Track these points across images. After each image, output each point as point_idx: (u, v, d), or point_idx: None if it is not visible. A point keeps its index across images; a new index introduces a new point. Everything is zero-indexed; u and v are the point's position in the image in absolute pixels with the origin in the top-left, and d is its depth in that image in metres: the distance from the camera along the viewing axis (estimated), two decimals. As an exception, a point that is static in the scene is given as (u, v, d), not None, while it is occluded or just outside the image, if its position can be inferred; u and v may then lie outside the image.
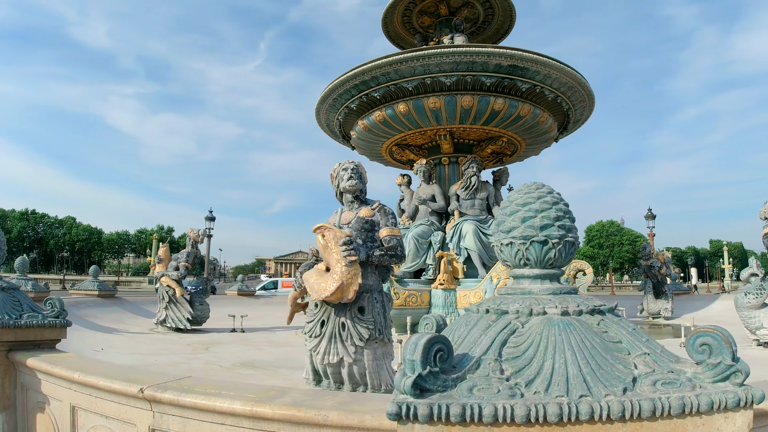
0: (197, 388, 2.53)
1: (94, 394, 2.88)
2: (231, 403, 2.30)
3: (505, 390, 1.40)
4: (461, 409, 1.33)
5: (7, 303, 3.71)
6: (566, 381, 1.42)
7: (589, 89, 10.24)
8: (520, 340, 1.56)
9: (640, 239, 67.57)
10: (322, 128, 12.93)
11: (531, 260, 1.80)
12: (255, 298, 17.02)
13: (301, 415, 2.11)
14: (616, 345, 1.57)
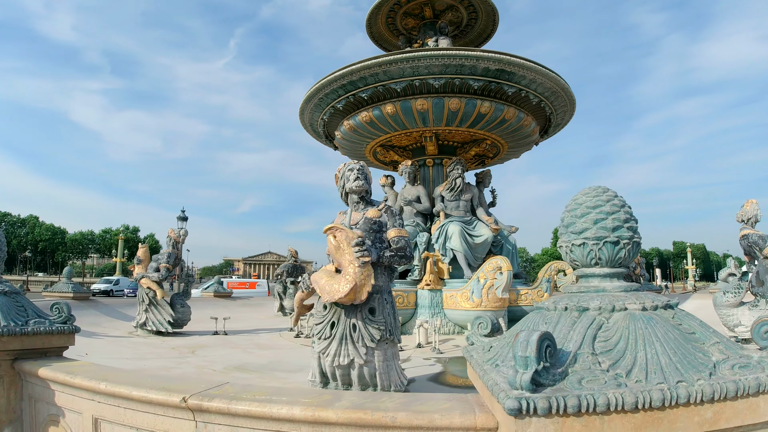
0: (244, 395, 2.49)
1: (123, 405, 2.74)
2: (290, 408, 2.26)
3: (610, 380, 1.51)
4: (577, 400, 1.43)
5: (11, 309, 3.51)
6: (661, 369, 1.55)
7: (572, 94, 10.69)
8: (608, 335, 1.68)
9: (606, 240, 70.13)
10: (304, 127, 12.83)
11: (602, 260, 1.92)
12: (231, 300, 16.72)
13: (368, 418, 2.13)
14: (692, 336, 1.72)
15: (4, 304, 3.50)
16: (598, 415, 1.46)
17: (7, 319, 3.42)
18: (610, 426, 1.47)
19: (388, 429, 2.12)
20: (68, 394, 3.09)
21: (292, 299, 15.19)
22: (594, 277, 1.96)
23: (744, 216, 7.04)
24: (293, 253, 15.81)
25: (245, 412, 2.37)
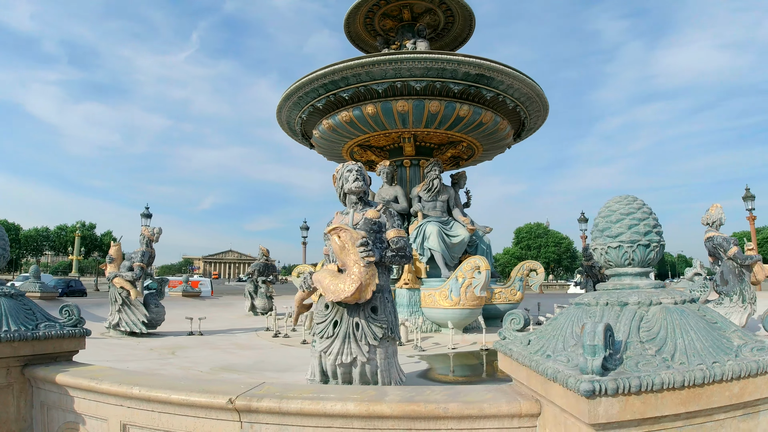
0: (291, 393, 2.58)
1: (158, 410, 2.73)
2: (344, 404, 2.35)
3: (660, 364, 1.79)
4: (638, 381, 1.70)
5: (19, 312, 3.41)
6: (698, 353, 1.85)
7: (546, 100, 11.28)
8: (650, 325, 1.97)
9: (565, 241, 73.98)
10: (281, 125, 12.76)
11: (635, 261, 2.22)
12: (201, 299, 16.37)
13: (422, 410, 2.30)
14: (716, 325, 2.03)
15: (12, 308, 3.39)
16: (653, 393, 1.73)
17: (17, 323, 3.33)
18: (662, 402, 1.74)
19: (440, 419, 2.31)
20: (91, 401, 3.03)
21: (263, 298, 15.07)
22: (627, 275, 2.25)
23: (709, 219, 7.77)
24: (265, 251, 15.65)
25: (298, 410, 2.42)
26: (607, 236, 2.26)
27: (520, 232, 75.32)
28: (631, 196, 2.32)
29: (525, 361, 2.21)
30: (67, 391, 3.14)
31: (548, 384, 2.01)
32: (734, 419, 1.87)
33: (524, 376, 2.30)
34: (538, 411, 2.28)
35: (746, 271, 7.07)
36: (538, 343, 2.28)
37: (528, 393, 2.39)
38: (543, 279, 12.51)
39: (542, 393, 2.10)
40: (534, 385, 2.18)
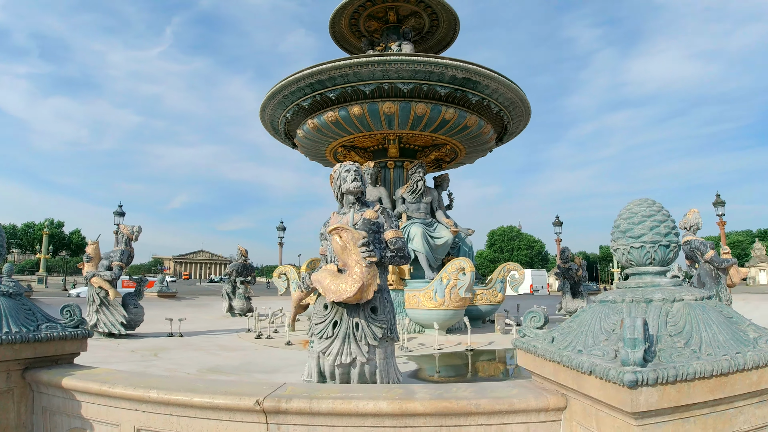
0: (319, 393, 2.59)
1: (177, 413, 2.67)
2: (376, 403, 2.38)
3: (690, 355, 1.94)
4: (675, 371, 1.84)
5: (19, 312, 3.27)
6: (721, 345, 2.01)
7: (528, 105, 11.63)
8: (676, 320, 2.12)
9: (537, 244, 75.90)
10: (263, 124, 12.62)
11: (656, 260, 2.37)
12: (177, 300, 16.02)
13: (454, 406, 2.37)
14: (732, 319, 2.21)
15: (12, 308, 3.25)
16: (686, 382, 1.87)
17: (17, 324, 3.19)
18: (693, 390, 1.89)
19: (471, 415, 2.39)
20: (101, 405, 2.93)
21: (242, 299, 14.84)
22: (648, 274, 2.40)
23: (686, 224, 8.20)
24: (243, 251, 15.42)
25: (329, 410, 2.42)
26: (629, 237, 2.40)
27: (494, 235, 76.75)
28: (650, 199, 2.47)
29: (554, 357, 2.32)
30: (73, 395, 3.04)
31: (581, 377, 2.12)
32: (751, 406, 2.05)
33: (550, 372, 2.41)
34: (564, 405, 2.40)
35: (722, 274, 7.49)
36: (564, 340, 2.39)
37: (551, 388, 2.51)
38: (523, 281, 12.84)
39: (573, 387, 2.22)
40: (563, 380, 2.30)
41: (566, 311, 14.65)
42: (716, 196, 21.26)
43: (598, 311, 2.36)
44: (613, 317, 2.25)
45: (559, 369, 2.32)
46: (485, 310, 12.22)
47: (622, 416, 1.94)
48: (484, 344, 9.44)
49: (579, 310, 2.59)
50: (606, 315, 2.29)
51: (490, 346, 9.30)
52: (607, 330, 2.20)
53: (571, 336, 2.37)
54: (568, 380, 2.25)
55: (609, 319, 2.26)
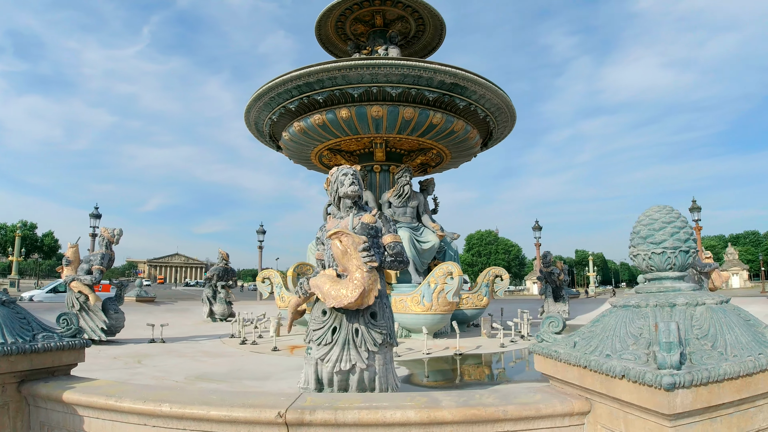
0: (341, 403, 2.55)
1: (191, 427, 2.55)
2: (404, 412, 2.35)
3: (719, 357, 2.01)
4: (707, 373, 1.90)
5: (14, 322, 3.10)
6: (744, 346, 2.10)
7: (514, 111, 11.86)
8: (700, 323, 2.20)
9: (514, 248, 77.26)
10: (248, 126, 12.44)
11: (676, 265, 2.45)
12: (156, 305, 15.62)
13: (482, 413, 2.37)
14: (750, 322, 2.30)
15: (7, 317, 3.08)
16: (717, 383, 1.94)
17: (13, 334, 3.03)
18: (722, 390, 1.97)
19: (498, 422, 2.40)
20: (106, 420, 2.78)
21: (223, 304, 14.54)
22: (668, 279, 2.49)
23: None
24: (224, 255, 15.12)
25: (355, 421, 2.37)
26: (650, 243, 2.48)
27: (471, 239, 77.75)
28: (668, 206, 2.56)
29: (580, 362, 2.37)
30: (75, 410, 2.87)
31: (611, 381, 2.17)
32: None
33: (575, 376, 2.46)
34: (588, 409, 2.45)
35: (705, 278, 7.81)
36: (588, 344, 2.45)
37: (573, 392, 2.55)
38: (508, 285, 13.03)
39: (601, 390, 2.27)
40: (589, 384, 2.35)
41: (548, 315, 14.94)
42: (692, 202, 22.09)
43: (622, 316, 2.43)
44: (638, 321, 2.32)
45: (585, 373, 2.36)
46: (470, 314, 12.34)
47: (655, 418, 2.00)
48: (472, 348, 9.54)
49: (601, 314, 2.65)
50: (631, 319, 2.36)
51: (477, 350, 9.41)
52: (634, 334, 2.26)
53: (595, 340, 2.42)
54: (595, 384, 2.30)
55: (634, 323, 2.32)
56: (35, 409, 3.06)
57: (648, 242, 2.49)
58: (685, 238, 2.43)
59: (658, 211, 2.55)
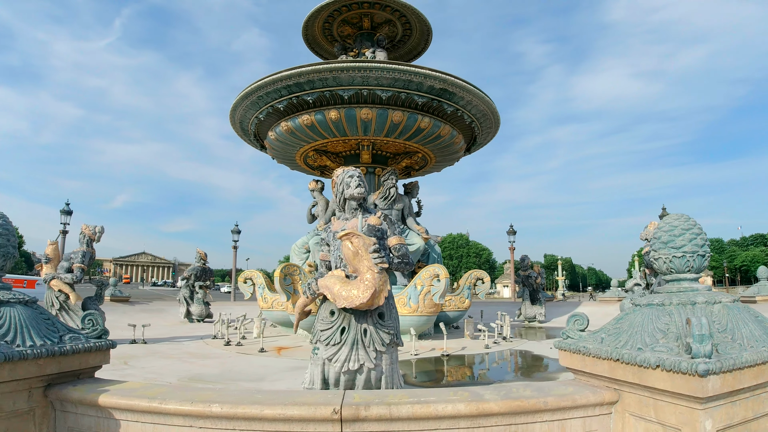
0: (390, 399, 2.66)
1: (241, 427, 2.57)
2: (454, 405, 2.50)
3: (739, 348, 2.31)
4: (733, 361, 2.19)
5: (40, 323, 3.03)
6: (758, 339, 2.41)
7: (499, 118, 12.25)
8: (719, 319, 2.49)
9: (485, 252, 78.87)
10: (232, 124, 12.32)
11: (693, 268, 2.75)
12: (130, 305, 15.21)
13: (526, 404, 2.57)
14: (758, 318, 2.62)
15: (32, 318, 3.02)
16: (739, 370, 2.24)
17: (40, 336, 2.98)
18: (743, 376, 2.26)
19: (539, 412, 2.61)
20: (146, 423, 2.74)
21: (200, 305, 14.31)
22: (686, 280, 2.78)
23: (648, 235, 9.06)
24: (202, 255, 14.86)
25: (409, 415, 2.49)
26: (671, 247, 2.76)
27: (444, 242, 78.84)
28: (685, 215, 2.86)
29: (612, 355, 2.61)
30: (111, 413, 2.82)
31: (644, 372, 2.43)
32: (776, 391, 2.45)
33: (605, 369, 2.70)
34: (616, 399, 2.70)
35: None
36: (617, 340, 2.70)
37: (600, 384, 2.80)
38: (489, 288, 13.43)
39: (633, 381, 2.52)
40: (620, 375, 2.60)
41: (525, 317, 15.46)
42: (662, 209, 23.27)
43: (647, 313, 2.69)
44: (664, 318, 2.58)
45: (616, 366, 2.61)
46: (453, 316, 12.63)
47: (686, 402, 2.26)
48: (458, 349, 9.82)
49: (623, 312, 2.91)
50: (657, 316, 2.62)
51: (463, 352, 9.69)
52: (662, 329, 2.52)
53: (623, 336, 2.68)
54: (627, 375, 2.55)
55: (660, 320, 2.59)
56: (63, 414, 2.99)
57: (669, 247, 2.77)
58: (701, 244, 2.73)
59: (677, 219, 2.83)
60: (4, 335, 2.86)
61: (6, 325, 2.91)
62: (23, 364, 2.81)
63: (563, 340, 3.09)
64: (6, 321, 2.95)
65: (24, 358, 2.79)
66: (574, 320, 3.08)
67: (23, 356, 2.78)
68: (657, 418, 2.44)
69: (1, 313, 2.97)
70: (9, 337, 2.86)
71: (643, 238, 9.16)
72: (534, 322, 15.25)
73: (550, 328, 14.36)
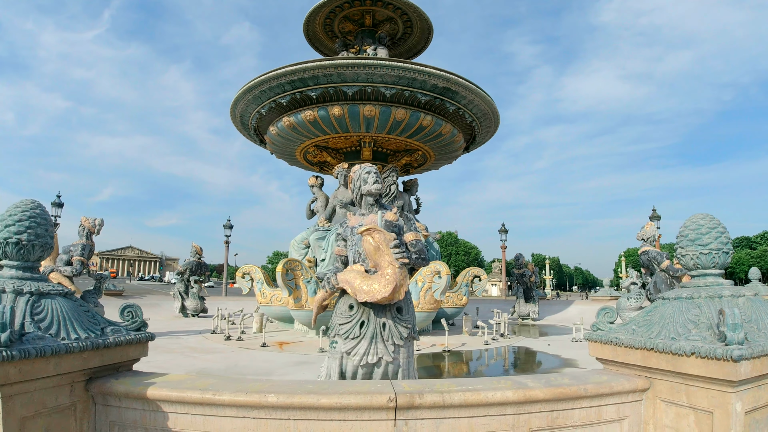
0: (439, 387, 2.76)
1: (296, 416, 2.60)
2: (503, 393, 2.62)
3: (762, 336, 2.54)
4: (761, 348, 2.41)
5: (81, 315, 3.01)
6: (781, 329, 2.60)
7: (498, 118, 12.47)
8: (744, 311, 2.70)
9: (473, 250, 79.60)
10: (232, 118, 12.31)
11: (718, 264, 2.95)
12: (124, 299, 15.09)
13: (568, 391, 2.75)
14: (779, 311, 2.82)
15: (73, 310, 3.02)
16: (766, 356, 2.43)
17: (84, 328, 2.97)
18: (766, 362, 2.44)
19: (579, 399, 2.79)
20: (196, 415, 2.73)
21: (195, 299, 14.29)
22: (711, 275, 2.98)
23: (644, 235, 9.33)
24: (198, 249, 14.82)
25: (461, 402, 2.61)
26: (698, 245, 2.96)
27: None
28: (710, 215, 3.06)
29: (646, 345, 2.81)
30: (159, 406, 2.80)
31: (679, 359, 2.62)
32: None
33: (638, 358, 2.89)
34: (647, 386, 2.90)
35: (676, 282, 8.65)
36: (649, 331, 2.89)
37: (631, 373, 2.99)
38: (485, 285, 13.66)
39: (667, 368, 2.73)
40: (654, 364, 2.79)
41: (519, 315, 15.77)
42: (653, 211, 23.71)
43: (677, 306, 2.89)
44: (693, 310, 2.78)
45: (649, 355, 2.80)
46: (450, 313, 12.84)
47: (718, 386, 2.47)
48: (458, 346, 10.02)
49: (651, 306, 3.10)
50: (687, 308, 2.82)
51: (463, 348, 9.90)
52: (693, 321, 2.72)
53: (655, 327, 2.87)
54: (660, 363, 2.74)
55: (690, 311, 2.79)
56: (104, 408, 2.94)
57: (696, 244, 2.96)
58: (726, 242, 2.93)
59: (702, 218, 3.03)
60: (48, 328, 2.81)
61: (49, 318, 2.86)
62: (68, 357, 2.76)
63: (594, 332, 3.26)
64: (48, 314, 2.89)
65: (70, 351, 2.75)
66: (604, 313, 3.26)
67: (69, 350, 2.74)
68: (689, 402, 2.64)
69: (43, 305, 2.91)
70: (53, 330, 2.81)
71: (640, 238, 9.44)
72: (527, 320, 15.56)
73: (543, 325, 14.70)
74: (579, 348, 9.46)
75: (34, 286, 2.92)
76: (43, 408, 2.67)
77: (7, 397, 2.46)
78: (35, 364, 2.56)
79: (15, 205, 3.24)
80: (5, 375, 2.41)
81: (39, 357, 2.56)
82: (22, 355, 2.46)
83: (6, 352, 2.39)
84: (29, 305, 2.82)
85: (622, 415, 2.86)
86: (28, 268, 3.04)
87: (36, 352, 2.54)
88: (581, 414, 2.78)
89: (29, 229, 3.07)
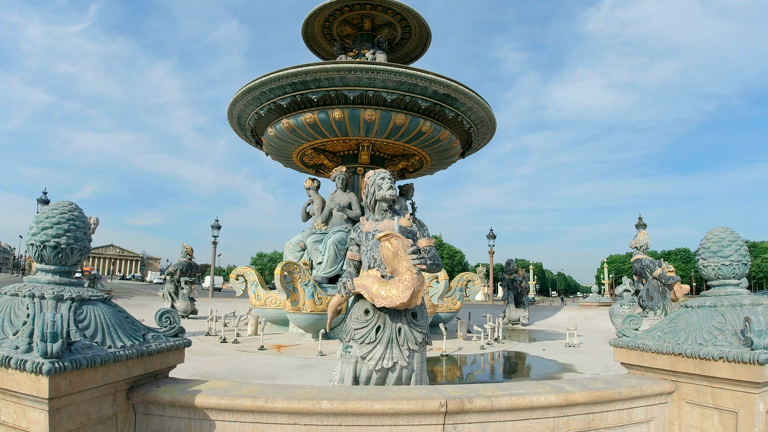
0: (484, 392, 2.90)
1: (348, 423, 2.66)
2: (546, 396, 2.79)
3: (786, 342, 2.74)
4: (781, 351, 2.61)
5: (122, 321, 2.95)
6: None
7: (495, 125, 12.74)
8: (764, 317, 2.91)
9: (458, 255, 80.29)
10: (229, 118, 12.28)
11: (737, 274, 3.19)
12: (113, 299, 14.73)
13: (605, 394, 2.96)
14: (792, 319, 3.07)
15: (114, 316, 2.97)
16: (784, 358, 2.67)
17: (127, 335, 2.99)
18: (787, 363, 2.69)
19: (614, 401, 2.99)
20: (245, 422, 2.75)
21: (185, 300, 14.18)
22: (731, 285, 3.23)
23: (637, 243, 9.69)
24: (189, 250, 14.68)
25: (508, 406, 2.74)
26: (720, 257, 3.20)
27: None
28: (729, 228, 3.30)
29: (674, 350, 3.03)
30: (206, 414, 2.79)
31: (706, 363, 2.85)
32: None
33: (665, 363, 3.11)
34: (673, 389, 3.12)
35: (668, 290, 9.03)
36: (676, 337, 3.12)
37: (656, 377, 3.21)
38: (479, 290, 13.90)
39: (694, 372, 2.95)
40: (681, 368, 3.02)
41: (509, 320, 16.08)
42: (639, 219, 24.21)
43: (701, 314, 3.12)
44: (718, 318, 3.02)
45: (677, 360, 3.02)
46: (445, 317, 13.03)
47: (744, 388, 2.69)
48: (454, 350, 10.20)
49: (675, 313, 3.33)
50: (711, 316, 3.05)
51: (460, 352, 10.09)
52: (718, 327, 2.95)
53: (682, 334, 3.09)
54: (688, 367, 2.96)
55: (715, 319, 3.02)
56: (145, 417, 2.91)
57: (718, 256, 3.20)
58: (745, 254, 3.17)
59: (722, 231, 3.27)
60: (93, 336, 2.73)
61: (93, 326, 2.79)
62: (115, 366, 2.72)
63: (620, 338, 3.48)
64: (91, 321, 2.81)
65: (117, 360, 2.70)
66: (629, 320, 3.47)
67: (117, 358, 2.70)
68: (714, 403, 2.86)
69: (85, 312, 2.82)
70: (98, 338, 2.74)
71: (633, 246, 9.79)
72: (518, 325, 15.88)
73: (533, 330, 15.03)
74: (574, 353, 9.76)
75: (75, 291, 2.84)
76: (87, 420, 2.61)
77: (54, 411, 2.38)
78: (84, 374, 2.49)
79: (52, 206, 3.17)
80: (56, 387, 2.32)
81: (89, 367, 2.49)
82: (74, 366, 2.38)
83: (58, 363, 2.30)
84: (72, 312, 2.73)
85: (649, 417, 3.07)
86: (66, 273, 2.95)
87: (87, 362, 2.46)
88: (614, 416, 2.98)
89: (68, 233, 2.95)
